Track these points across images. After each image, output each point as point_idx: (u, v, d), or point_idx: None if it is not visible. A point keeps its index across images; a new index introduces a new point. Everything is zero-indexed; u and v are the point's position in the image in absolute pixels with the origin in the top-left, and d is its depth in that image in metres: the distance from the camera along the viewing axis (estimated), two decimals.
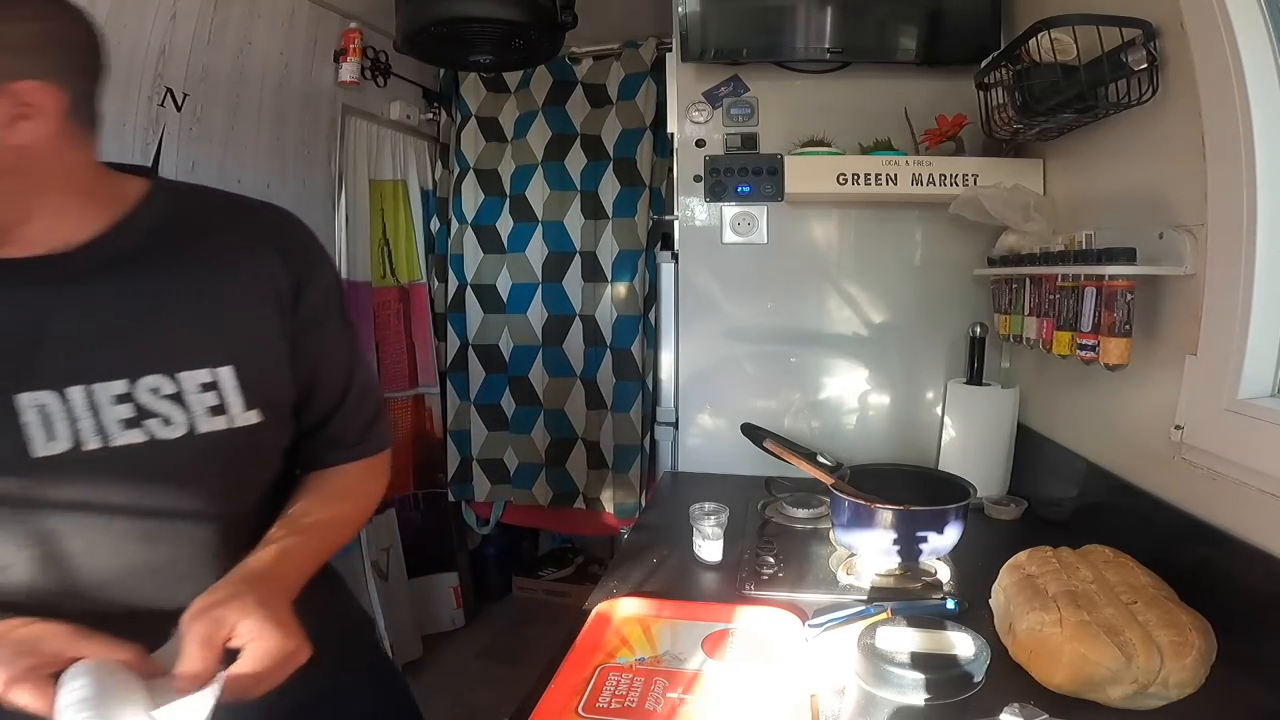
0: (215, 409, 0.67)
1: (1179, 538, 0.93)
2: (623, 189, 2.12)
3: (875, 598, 1.01)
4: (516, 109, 2.25)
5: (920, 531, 1.03)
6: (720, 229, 1.61)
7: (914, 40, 1.47)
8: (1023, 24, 1.12)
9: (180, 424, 0.65)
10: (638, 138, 2.10)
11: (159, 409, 0.64)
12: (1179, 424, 0.95)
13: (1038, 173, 1.39)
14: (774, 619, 0.91)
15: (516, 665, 2.22)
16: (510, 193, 2.24)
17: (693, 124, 1.61)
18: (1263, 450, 0.81)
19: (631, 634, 0.88)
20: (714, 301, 1.64)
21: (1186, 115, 0.93)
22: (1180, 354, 0.95)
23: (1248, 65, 0.82)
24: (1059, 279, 1.12)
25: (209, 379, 0.67)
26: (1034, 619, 0.80)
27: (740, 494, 1.40)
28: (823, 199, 1.54)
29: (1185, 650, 0.73)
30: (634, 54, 2.11)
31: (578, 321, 2.20)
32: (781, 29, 1.49)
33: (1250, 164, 0.82)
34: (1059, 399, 1.34)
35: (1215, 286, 0.89)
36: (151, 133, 1.64)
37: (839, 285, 1.62)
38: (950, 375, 1.54)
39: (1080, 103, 1.08)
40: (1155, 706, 0.74)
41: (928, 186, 1.42)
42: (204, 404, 0.66)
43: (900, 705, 0.75)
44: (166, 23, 1.62)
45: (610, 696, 0.75)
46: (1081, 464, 1.21)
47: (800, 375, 1.64)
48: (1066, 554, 0.93)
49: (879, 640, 0.81)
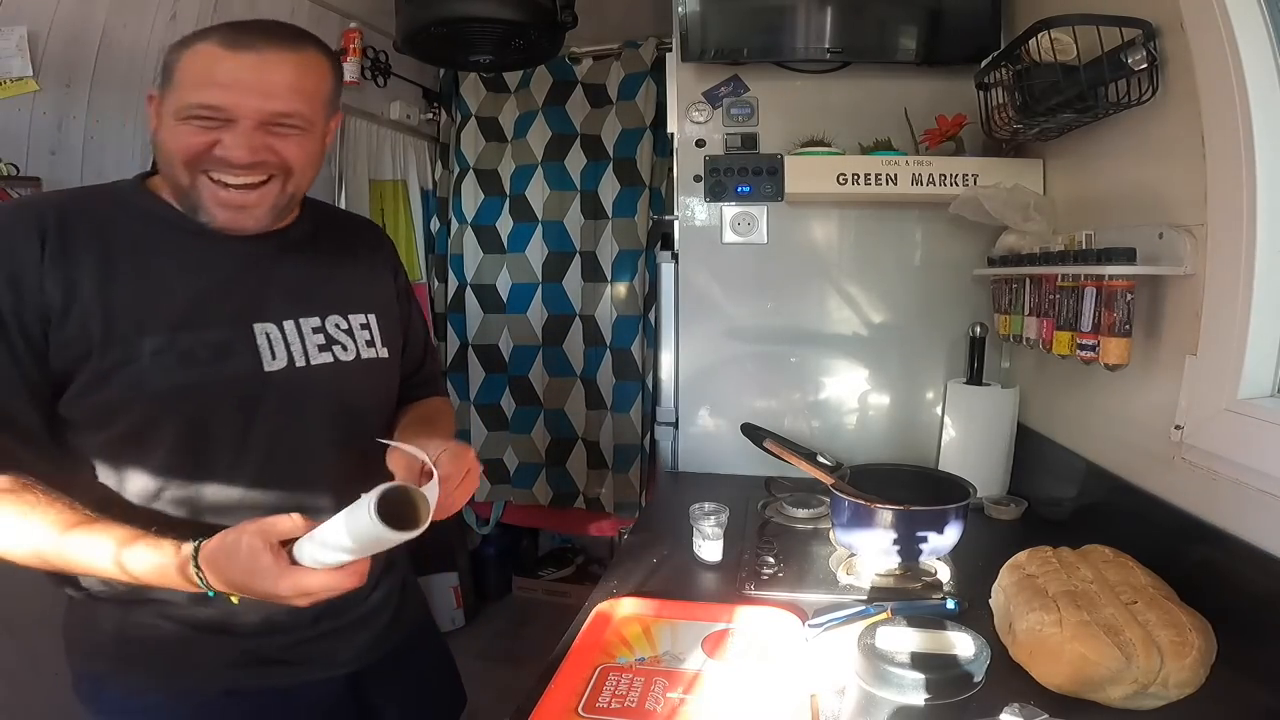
0: (368, 342, 0.92)
1: (1179, 538, 0.93)
2: (623, 189, 2.12)
3: (875, 598, 1.01)
4: (516, 109, 2.25)
5: (920, 531, 1.03)
6: (720, 229, 1.61)
7: (914, 40, 1.47)
8: (1023, 24, 1.12)
9: (351, 350, 0.90)
10: (638, 138, 2.10)
11: (339, 339, 0.89)
12: (1179, 424, 0.95)
13: (1038, 173, 1.39)
14: (774, 619, 0.91)
15: (516, 665, 2.22)
16: (510, 193, 2.24)
17: (693, 124, 1.60)
18: (1263, 450, 0.81)
19: (631, 634, 0.88)
20: (714, 301, 1.64)
21: (1186, 115, 0.93)
22: (1180, 354, 0.95)
23: (1248, 65, 0.82)
24: (1059, 279, 1.12)
25: (364, 321, 0.93)
26: (1034, 619, 0.80)
27: (740, 494, 1.40)
28: (823, 199, 1.54)
29: (1185, 650, 0.73)
30: (634, 54, 2.11)
31: (578, 321, 2.20)
32: (781, 29, 1.49)
33: (1250, 164, 0.82)
34: (1059, 399, 1.34)
35: (1215, 286, 0.89)
36: None
37: (839, 285, 1.61)
38: (950, 375, 1.54)
39: (1080, 103, 1.08)
40: (1155, 706, 0.74)
41: (928, 186, 1.42)
42: (363, 338, 0.92)
43: (900, 705, 0.75)
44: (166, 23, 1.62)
45: (610, 696, 0.75)
46: (1081, 464, 1.21)
47: (800, 375, 1.64)
48: (1066, 554, 0.93)
49: (879, 640, 0.81)
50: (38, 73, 1.41)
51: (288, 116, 0.79)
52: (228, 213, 0.80)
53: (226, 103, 0.76)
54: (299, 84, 0.79)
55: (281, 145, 0.80)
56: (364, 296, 0.95)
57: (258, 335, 0.83)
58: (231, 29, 0.78)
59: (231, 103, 0.76)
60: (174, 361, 0.77)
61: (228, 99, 0.76)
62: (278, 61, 0.78)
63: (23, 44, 1.38)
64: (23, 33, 1.38)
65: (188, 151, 0.78)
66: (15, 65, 1.38)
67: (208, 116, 0.76)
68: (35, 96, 1.42)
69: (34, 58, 1.40)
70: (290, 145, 0.80)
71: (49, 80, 1.44)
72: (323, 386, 0.87)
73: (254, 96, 0.77)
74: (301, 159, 0.82)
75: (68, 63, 1.46)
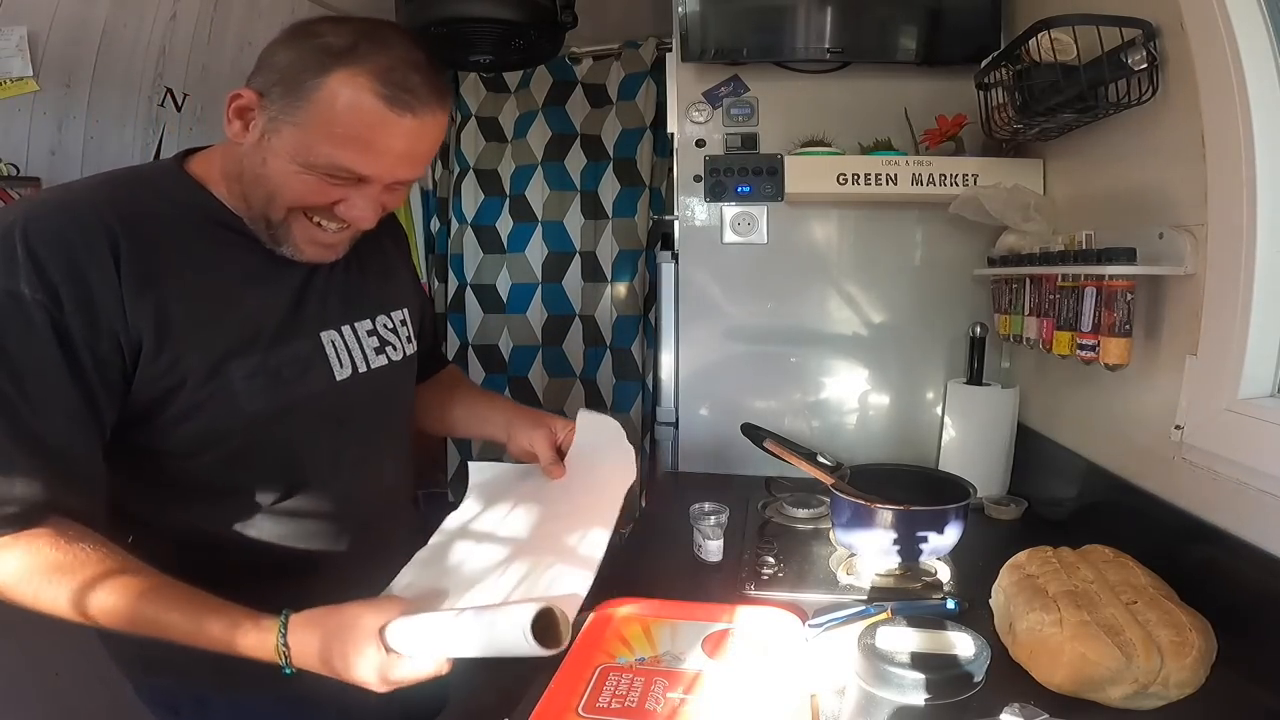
0: (408, 339, 0.93)
1: (1179, 538, 0.93)
2: (623, 189, 2.12)
3: (875, 598, 1.01)
4: (516, 109, 2.24)
5: (920, 531, 1.03)
6: (720, 229, 1.61)
7: (914, 40, 1.47)
8: (1023, 24, 1.12)
9: (399, 350, 0.90)
10: (638, 138, 2.10)
11: (389, 339, 0.89)
12: (1179, 424, 0.95)
13: (1038, 173, 1.39)
14: (774, 619, 0.91)
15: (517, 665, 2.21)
16: (510, 193, 2.24)
17: (693, 124, 1.60)
18: (1263, 450, 0.81)
19: (631, 634, 0.88)
20: (714, 301, 1.64)
21: (1186, 115, 0.93)
22: (1180, 354, 0.95)
23: (1248, 65, 0.82)
24: (1059, 279, 1.12)
25: (403, 318, 0.93)
26: (1034, 619, 0.80)
27: (740, 494, 1.40)
28: (823, 199, 1.54)
29: (1185, 650, 0.73)
30: (634, 54, 2.11)
31: (577, 321, 2.20)
32: (781, 29, 1.49)
33: (1250, 164, 0.82)
34: (1059, 399, 1.34)
35: (1215, 286, 0.89)
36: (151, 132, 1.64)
37: (839, 285, 1.61)
38: (950, 375, 1.54)
39: (1080, 103, 1.07)
40: (1155, 706, 0.74)
41: (928, 186, 1.42)
42: (404, 335, 0.92)
43: (900, 705, 0.75)
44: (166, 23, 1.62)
45: (610, 696, 0.75)
46: (1081, 464, 1.21)
47: (800, 375, 1.64)
48: (1066, 554, 0.93)
49: (879, 640, 0.81)
50: (38, 73, 1.41)
51: (413, 181, 0.77)
52: (317, 249, 0.76)
53: (373, 172, 0.69)
54: (434, 149, 0.74)
55: (390, 201, 0.76)
56: (400, 293, 0.94)
57: (325, 344, 0.80)
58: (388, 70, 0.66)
59: (377, 172, 0.70)
60: (265, 383, 0.73)
61: (379, 168, 0.69)
62: (433, 126, 0.71)
63: (23, 44, 1.38)
64: (23, 33, 1.38)
65: (302, 202, 0.71)
66: (15, 65, 1.38)
67: (344, 178, 0.69)
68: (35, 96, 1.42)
69: (34, 58, 1.40)
70: (396, 199, 0.77)
71: (49, 80, 1.44)
72: (381, 390, 0.87)
73: (402, 166, 0.71)
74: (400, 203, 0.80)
75: (68, 63, 1.47)
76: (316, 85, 0.65)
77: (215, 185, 0.75)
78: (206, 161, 0.77)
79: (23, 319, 0.60)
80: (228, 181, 0.74)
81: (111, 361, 0.65)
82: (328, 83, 0.65)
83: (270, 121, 0.68)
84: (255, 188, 0.72)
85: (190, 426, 0.70)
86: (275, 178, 0.69)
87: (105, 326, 0.64)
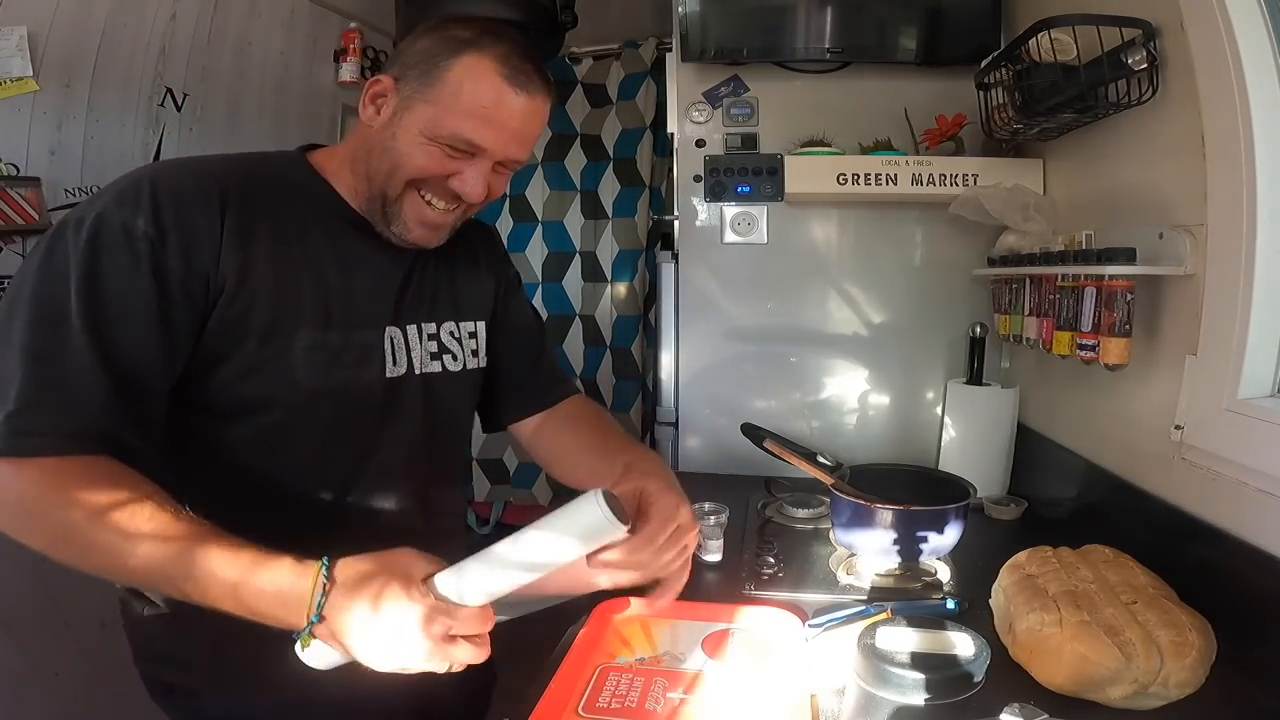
0: (474, 352, 0.92)
1: (1179, 538, 0.93)
2: (623, 189, 2.12)
3: (875, 598, 1.01)
4: None
5: (920, 531, 1.03)
6: (720, 229, 1.61)
7: (914, 40, 1.47)
8: (1023, 24, 1.12)
9: (460, 360, 0.90)
10: (638, 138, 2.10)
11: (450, 347, 0.89)
12: (1179, 424, 0.95)
13: (1038, 173, 1.39)
14: (774, 619, 0.91)
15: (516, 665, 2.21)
16: (510, 193, 2.24)
17: (693, 124, 1.60)
18: (1262, 450, 0.81)
19: (631, 634, 0.88)
20: (714, 301, 1.64)
21: (1186, 115, 0.93)
22: (1180, 354, 0.95)
23: (1248, 65, 0.82)
24: (1059, 279, 1.12)
25: (473, 330, 0.92)
26: (1034, 619, 0.80)
27: (740, 494, 1.40)
28: (823, 199, 1.54)
29: (1185, 650, 0.73)
30: (634, 54, 2.11)
31: (578, 321, 2.20)
32: (781, 29, 1.49)
33: (1250, 164, 0.82)
34: (1059, 399, 1.34)
35: (1215, 286, 0.89)
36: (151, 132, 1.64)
37: (839, 285, 1.61)
38: (950, 375, 1.54)
39: (1080, 103, 1.07)
40: (1155, 706, 0.74)
41: (928, 186, 1.42)
42: (469, 347, 0.92)
43: (900, 705, 0.75)
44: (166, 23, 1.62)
45: (610, 696, 0.75)
46: (1081, 464, 1.21)
47: (800, 375, 1.64)
48: (1066, 554, 0.93)
49: (879, 640, 0.81)
50: (38, 73, 1.41)
51: (519, 162, 0.81)
52: (423, 230, 0.80)
53: (490, 144, 0.76)
54: (537, 134, 0.81)
55: (495, 183, 0.80)
56: (478, 304, 0.94)
57: (386, 339, 0.82)
58: (508, 55, 0.75)
59: (493, 144, 0.76)
60: (324, 360, 0.76)
61: (493, 140, 0.76)
62: (538, 109, 0.78)
63: (23, 44, 1.38)
64: (23, 33, 1.38)
65: (424, 173, 0.76)
66: (15, 65, 1.38)
67: (464, 150, 0.76)
68: (35, 96, 1.42)
69: (34, 58, 1.40)
70: (501, 182, 0.82)
71: (49, 80, 1.44)
72: (432, 396, 0.86)
73: (513, 143, 0.77)
74: (499, 194, 0.84)
75: (68, 63, 1.47)
76: (448, 66, 0.74)
77: (332, 175, 0.82)
78: (328, 154, 0.84)
79: (131, 251, 0.67)
80: (352, 165, 0.81)
81: (198, 299, 0.70)
82: (458, 64, 0.74)
83: (404, 100, 0.76)
84: (381, 162, 0.78)
85: (248, 386, 0.73)
86: (403, 150, 0.76)
87: (199, 268, 0.70)
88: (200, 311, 0.70)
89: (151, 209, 0.68)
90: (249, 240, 0.73)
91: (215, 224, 0.71)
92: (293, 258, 0.76)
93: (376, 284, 0.82)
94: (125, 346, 0.66)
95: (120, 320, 0.66)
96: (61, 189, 1.48)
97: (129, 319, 0.67)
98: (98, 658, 1.52)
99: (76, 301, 0.65)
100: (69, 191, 1.49)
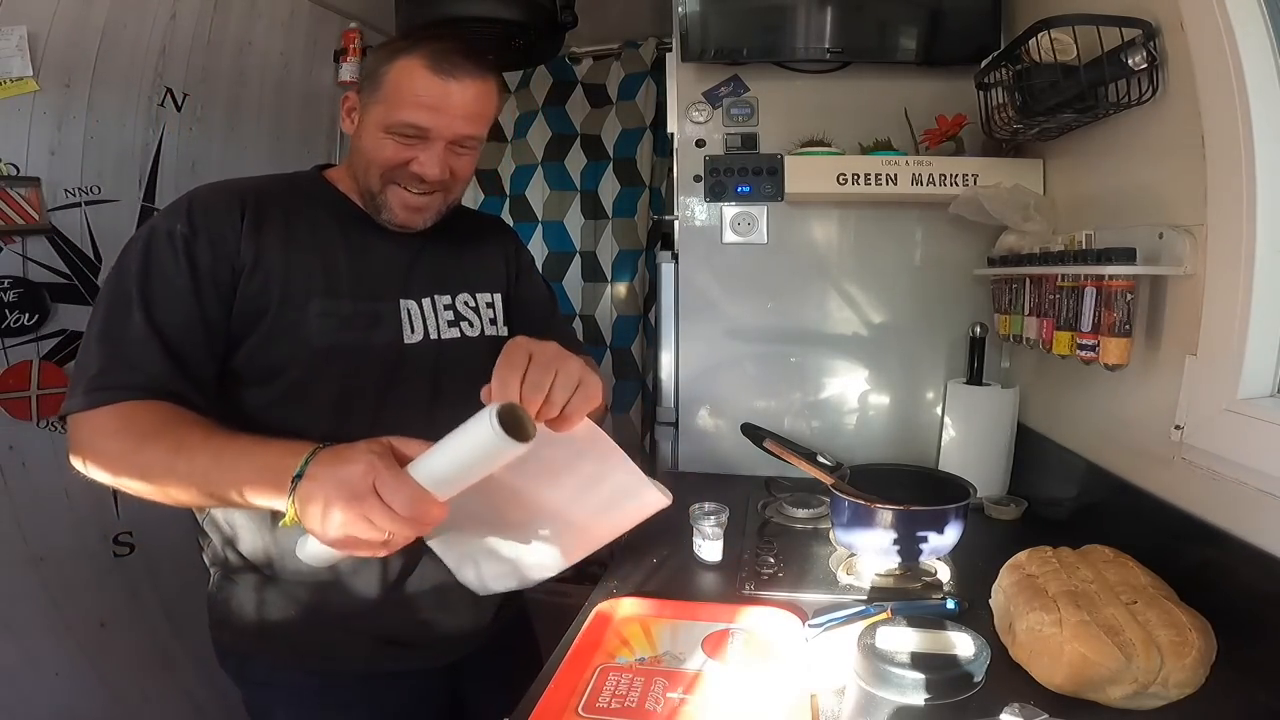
0: (492, 320, 1.05)
1: (1179, 538, 0.93)
2: (623, 189, 2.12)
3: (875, 598, 1.01)
4: (516, 109, 2.25)
5: (920, 531, 1.03)
6: (720, 229, 1.61)
7: (914, 40, 1.47)
8: (1023, 24, 1.12)
9: (477, 327, 1.02)
10: (638, 138, 2.10)
11: (467, 315, 1.01)
12: (1179, 424, 0.95)
13: (1038, 173, 1.39)
14: (774, 619, 0.91)
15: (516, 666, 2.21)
16: (510, 193, 2.24)
17: (693, 124, 1.60)
18: (1263, 450, 0.81)
19: (631, 634, 0.88)
20: (714, 301, 1.64)
21: (1186, 115, 0.93)
22: (1180, 354, 0.95)
23: (1248, 65, 0.82)
24: (1059, 279, 1.12)
25: (490, 300, 1.05)
26: (1034, 619, 0.80)
27: (740, 494, 1.40)
28: (823, 199, 1.54)
29: (1185, 650, 0.73)
30: (634, 54, 2.11)
31: (577, 321, 2.20)
32: (781, 29, 1.49)
33: (1250, 164, 0.82)
34: (1059, 399, 1.34)
35: (1215, 286, 0.89)
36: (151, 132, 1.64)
37: (839, 285, 1.61)
38: (950, 375, 1.54)
39: (1080, 103, 1.07)
40: (1155, 706, 0.74)
41: (928, 186, 1.42)
42: (488, 316, 1.04)
43: (900, 705, 0.75)
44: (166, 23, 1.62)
45: (610, 696, 0.75)
46: (1081, 464, 1.21)
47: (800, 375, 1.64)
48: (1066, 554, 0.93)
49: (879, 640, 0.81)
50: (38, 73, 1.41)
51: (470, 138, 0.93)
52: (407, 213, 0.94)
53: (431, 124, 0.89)
54: (483, 110, 0.93)
55: (456, 163, 0.94)
56: (492, 278, 1.07)
57: (402, 310, 0.95)
58: (436, 51, 0.89)
59: (434, 125, 0.89)
60: (335, 324, 0.89)
61: (433, 121, 0.89)
62: (472, 89, 0.90)
63: (23, 44, 1.38)
64: (23, 33, 1.38)
65: (388, 164, 0.91)
66: (15, 65, 1.38)
67: (411, 135, 0.89)
68: (35, 96, 1.42)
69: (34, 58, 1.40)
70: (463, 163, 0.95)
71: (49, 80, 1.44)
72: (451, 359, 0.98)
73: (453, 120, 0.90)
74: (467, 175, 0.97)
75: (68, 63, 1.47)
76: (388, 70, 0.90)
77: (340, 184, 0.99)
78: (338, 170, 1.01)
79: (171, 248, 0.84)
80: (350, 171, 0.98)
81: (224, 282, 0.86)
82: (394, 66, 0.89)
83: (364, 107, 0.93)
84: (360, 161, 0.94)
85: (268, 352, 0.87)
86: (369, 147, 0.92)
87: (225, 256, 0.86)
88: (228, 292, 0.86)
89: (187, 216, 0.86)
90: (265, 233, 0.89)
91: (236, 224, 0.87)
92: (305, 244, 0.91)
93: (385, 263, 0.96)
94: (172, 319, 0.82)
95: (166, 300, 0.83)
96: (61, 189, 1.48)
97: (173, 298, 0.83)
98: (98, 658, 1.52)
99: (135, 290, 0.82)
100: (69, 191, 1.49)
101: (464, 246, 1.06)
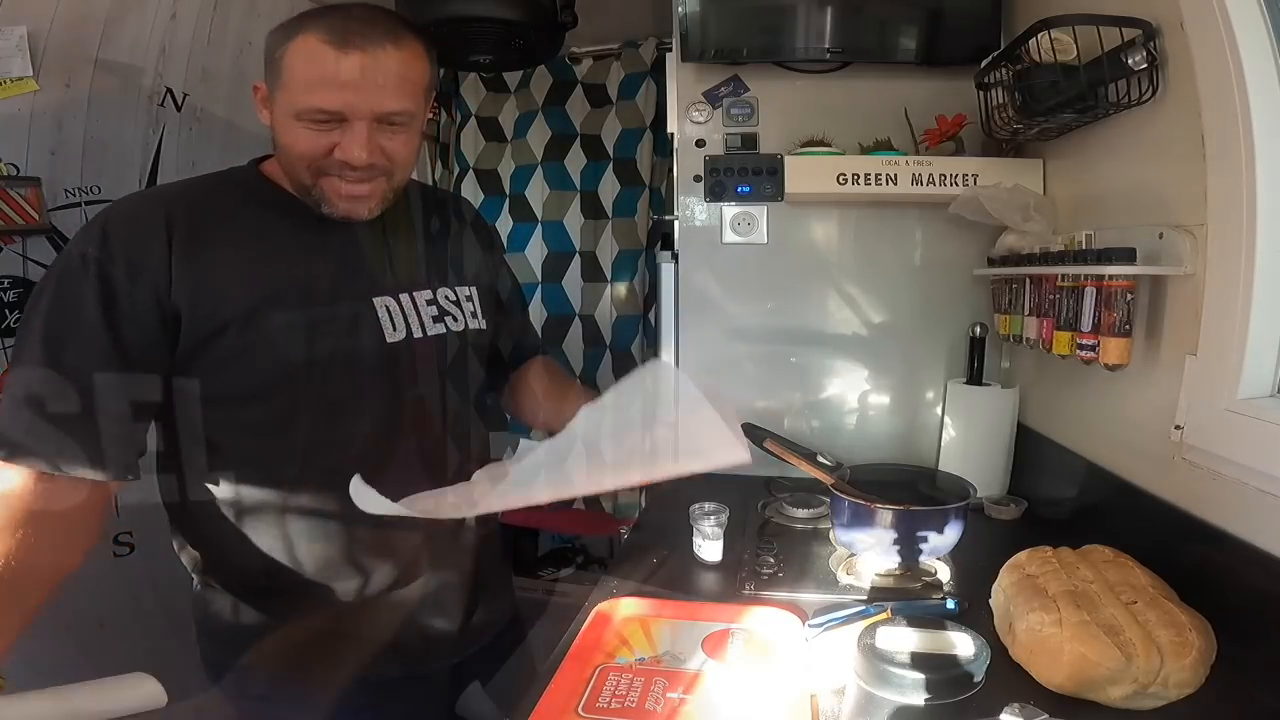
0: (473, 314, 0.99)
1: (1179, 538, 0.93)
2: (622, 189, 2.12)
3: (875, 598, 1.01)
4: (516, 109, 2.25)
5: (920, 531, 1.03)
6: (720, 229, 1.61)
7: (914, 40, 1.47)
8: (1023, 24, 1.12)
9: (460, 321, 0.97)
10: (638, 138, 2.10)
11: (449, 310, 0.96)
12: (1179, 424, 0.95)
13: (1038, 173, 1.39)
14: (774, 619, 0.91)
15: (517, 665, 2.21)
16: (510, 193, 2.24)
17: (693, 124, 1.60)
18: (1263, 450, 0.81)
19: (631, 634, 0.88)
20: (714, 301, 1.64)
21: (1186, 115, 0.93)
22: (1180, 354, 0.95)
23: (1248, 65, 0.81)
24: (1059, 279, 1.12)
25: (468, 293, 1.00)
26: (1034, 619, 0.80)
27: (740, 494, 1.40)
28: (823, 199, 1.54)
29: (1185, 650, 0.73)
30: (634, 54, 2.11)
31: (577, 322, 2.20)
32: (781, 29, 1.49)
33: (1250, 164, 0.82)
34: (1059, 399, 1.34)
35: (1215, 286, 0.89)
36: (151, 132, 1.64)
37: (839, 285, 1.61)
38: (950, 375, 1.54)
39: (1080, 103, 1.07)
40: (1155, 706, 0.74)
41: (928, 186, 1.41)
42: (468, 310, 0.99)
43: (900, 705, 0.75)
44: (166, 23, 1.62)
45: (610, 696, 0.75)
46: (1081, 464, 1.21)
47: (800, 375, 1.64)
48: (1066, 554, 0.93)
49: (879, 640, 0.81)
50: (38, 73, 1.41)
51: (397, 115, 0.83)
52: (346, 203, 0.86)
53: (342, 105, 0.79)
54: (406, 79, 0.82)
55: (389, 144, 0.84)
56: (466, 269, 1.02)
57: (378, 309, 0.89)
58: (334, 22, 0.79)
59: (347, 104, 0.79)
60: (306, 335, 0.83)
61: (343, 102, 0.79)
62: (385, 59, 0.80)
63: (23, 44, 1.38)
64: (23, 33, 1.38)
65: (309, 156, 0.82)
66: (15, 65, 1.38)
67: (324, 120, 0.80)
68: (35, 96, 1.42)
69: (34, 58, 1.40)
70: (398, 143, 0.85)
71: (49, 80, 1.44)
72: (438, 355, 0.94)
73: (368, 97, 0.80)
74: (406, 154, 0.87)
75: (68, 63, 1.47)
76: (284, 53, 0.80)
77: (277, 176, 0.90)
78: (272, 161, 0.92)
79: (83, 273, 0.76)
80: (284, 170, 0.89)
81: (148, 312, 0.77)
82: (289, 48, 0.80)
83: (272, 97, 0.83)
84: (283, 156, 0.86)
85: (236, 371, 0.81)
86: (285, 140, 0.83)
87: (149, 280, 0.77)
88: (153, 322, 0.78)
89: (101, 237, 0.77)
90: (202, 247, 0.80)
91: (162, 242, 0.78)
92: (250, 251, 0.83)
93: (350, 261, 0.89)
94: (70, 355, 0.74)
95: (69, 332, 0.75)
96: (61, 189, 1.48)
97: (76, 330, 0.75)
98: (98, 658, 1.52)
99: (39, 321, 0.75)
100: (69, 191, 1.49)
101: (434, 235, 0.99)
